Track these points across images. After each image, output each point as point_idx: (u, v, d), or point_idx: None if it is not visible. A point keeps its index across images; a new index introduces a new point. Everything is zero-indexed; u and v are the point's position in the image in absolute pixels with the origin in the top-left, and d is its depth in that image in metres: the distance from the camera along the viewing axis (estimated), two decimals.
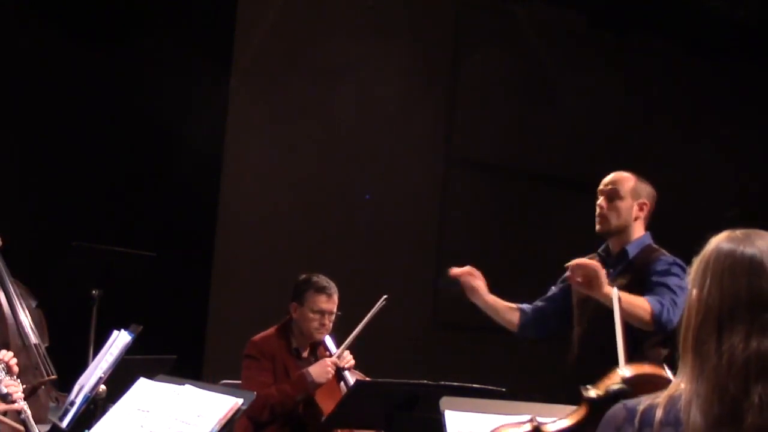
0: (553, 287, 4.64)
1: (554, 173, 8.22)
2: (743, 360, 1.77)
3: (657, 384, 1.98)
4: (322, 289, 4.99)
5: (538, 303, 4.61)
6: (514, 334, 4.62)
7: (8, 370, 3.54)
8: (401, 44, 7.64)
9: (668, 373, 2.08)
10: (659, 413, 1.83)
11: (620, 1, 8.30)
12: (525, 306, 4.59)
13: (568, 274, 4.25)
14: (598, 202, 4.41)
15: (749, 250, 1.85)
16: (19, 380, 3.57)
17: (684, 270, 4.22)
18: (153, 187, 6.75)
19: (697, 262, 1.90)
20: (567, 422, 2.11)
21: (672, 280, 4.18)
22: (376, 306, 4.85)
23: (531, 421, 2.15)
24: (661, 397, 1.85)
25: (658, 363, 2.13)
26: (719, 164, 8.40)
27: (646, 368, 2.12)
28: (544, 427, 2.12)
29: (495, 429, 2.17)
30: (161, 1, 6.83)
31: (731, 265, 1.83)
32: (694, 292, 1.87)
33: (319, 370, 4.79)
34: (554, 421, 2.14)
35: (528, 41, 8.18)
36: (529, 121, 8.19)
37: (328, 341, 5.03)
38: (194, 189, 6.86)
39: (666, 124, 8.54)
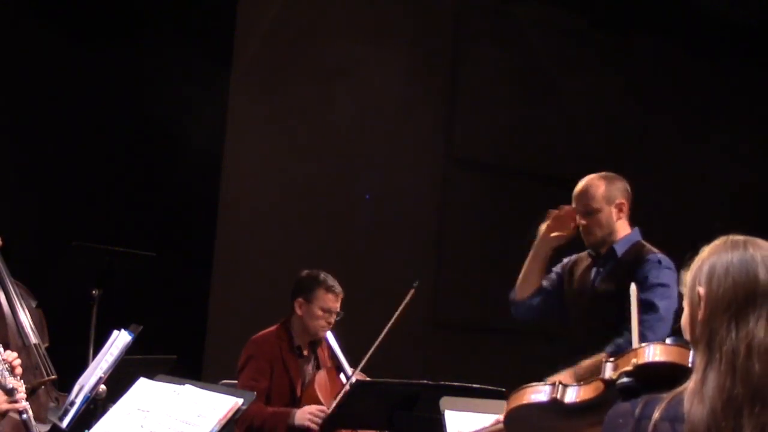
0: (544, 282, 4.63)
1: (554, 173, 8.21)
2: (765, 341, 1.85)
3: (672, 372, 1.99)
4: (331, 288, 5.03)
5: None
6: (510, 300, 4.61)
7: (11, 371, 3.54)
8: (401, 44, 7.64)
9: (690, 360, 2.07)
10: (661, 407, 1.87)
11: (620, 1, 8.30)
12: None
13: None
14: (577, 219, 4.39)
15: (752, 250, 1.94)
16: (22, 380, 3.57)
17: (672, 270, 4.22)
18: (153, 187, 6.74)
19: (698, 263, 1.94)
20: (584, 394, 2.16)
21: (656, 293, 4.18)
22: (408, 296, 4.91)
23: (554, 385, 2.19)
24: (668, 394, 1.89)
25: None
26: (719, 164, 8.40)
27: (668, 354, 2.10)
28: (564, 397, 2.18)
29: (520, 388, 2.26)
30: (161, 1, 6.83)
31: (741, 260, 1.91)
32: (701, 289, 1.93)
33: (302, 416, 4.79)
34: (575, 387, 2.19)
35: (528, 41, 8.18)
36: (529, 121, 8.19)
37: (331, 339, 5.05)
38: (194, 189, 6.86)
39: (666, 124, 8.54)
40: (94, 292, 5.25)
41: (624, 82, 8.37)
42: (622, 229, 4.38)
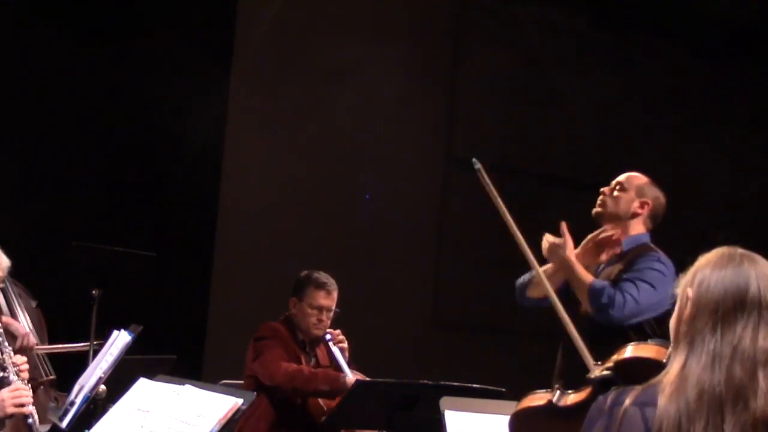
0: None
1: (554, 173, 8.21)
2: (751, 349, 1.88)
3: (650, 369, 2.02)
4: (321, 286, 5.02)
5: None
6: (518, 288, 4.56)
7: (18, 374, 3.54)
8: (401, 44, 7.64)
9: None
10: (633, 395, 1.93)
11: (620, 1, 8.30)
12: None
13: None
14: (602, 188, 4.42)
15: (746, 265, 1.96)
16: (29, 385, 3.58)
17: (666, 269, 4.22)
18: (153, 187, 6.75)
19: (692, 270, 1.99)
20: (575, 399, 2.22)
21: (646, 275, 4.17)
22: None
23: (552, 391, 2.26)
24: (641, 386, 1.94)
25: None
26: (719, 165, 8.39)
27: (646, 351, 2.15)
28: (560, 402, 2.23)
29: (526, 396, 2.31)
30: (161, 1, 6.83)
31: (734, 275, 1.94)
32: (690, 291, 1.97)
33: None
34: (569, 392, 2.24)
35: (528, 41, 8.18)
36: (529, 121, 8.18)
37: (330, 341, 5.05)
38: (194, 188, 6.86)
39: (666, 124, 8.53)
40: (94, 292, 5.25)
41: (624, 82, 8.37)
42: (636, 226, 4.36)
